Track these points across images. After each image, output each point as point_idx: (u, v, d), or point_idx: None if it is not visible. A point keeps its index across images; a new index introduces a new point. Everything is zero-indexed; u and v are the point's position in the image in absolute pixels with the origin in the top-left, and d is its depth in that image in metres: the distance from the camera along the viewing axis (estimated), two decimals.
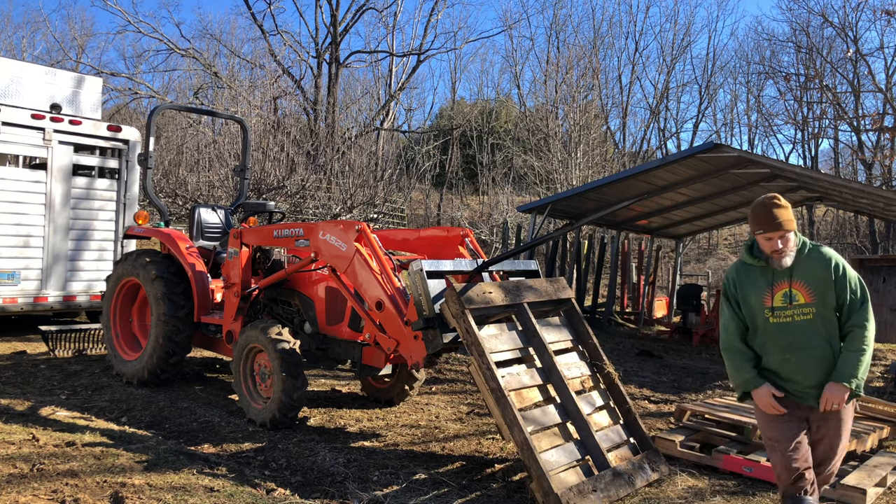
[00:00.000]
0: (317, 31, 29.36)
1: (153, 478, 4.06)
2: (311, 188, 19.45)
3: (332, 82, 28.18)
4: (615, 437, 4.58)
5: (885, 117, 23.87)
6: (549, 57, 32.39)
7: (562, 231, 8.38)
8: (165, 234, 6.89)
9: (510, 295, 4.68)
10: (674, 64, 34.61)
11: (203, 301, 6.50)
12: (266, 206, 7.27)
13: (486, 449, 5.20)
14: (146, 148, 7.38)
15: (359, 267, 5.06)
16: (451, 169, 33.47)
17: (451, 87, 47.88)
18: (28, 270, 8.77)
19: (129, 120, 26.18)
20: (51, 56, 30.95)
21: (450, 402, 6.71)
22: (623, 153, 32.20)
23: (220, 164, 19.05)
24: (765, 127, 35.53)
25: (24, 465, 4.10)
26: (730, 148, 9.97)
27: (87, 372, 7.15)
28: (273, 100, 26.72)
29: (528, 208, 12.91)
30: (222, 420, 5.65)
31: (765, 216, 3.29)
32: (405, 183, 26.32)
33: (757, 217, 3.32)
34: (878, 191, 12.47)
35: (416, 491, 4.27)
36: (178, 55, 28.59)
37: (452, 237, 5.73)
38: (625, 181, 11.17)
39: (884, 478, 4.61)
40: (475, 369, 4.27)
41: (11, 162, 8.90)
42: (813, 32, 29.89)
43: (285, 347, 5.31)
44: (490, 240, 22.74)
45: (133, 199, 9.66)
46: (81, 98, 9.77)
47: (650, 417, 6.46)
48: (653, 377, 8.75)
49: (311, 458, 4.77)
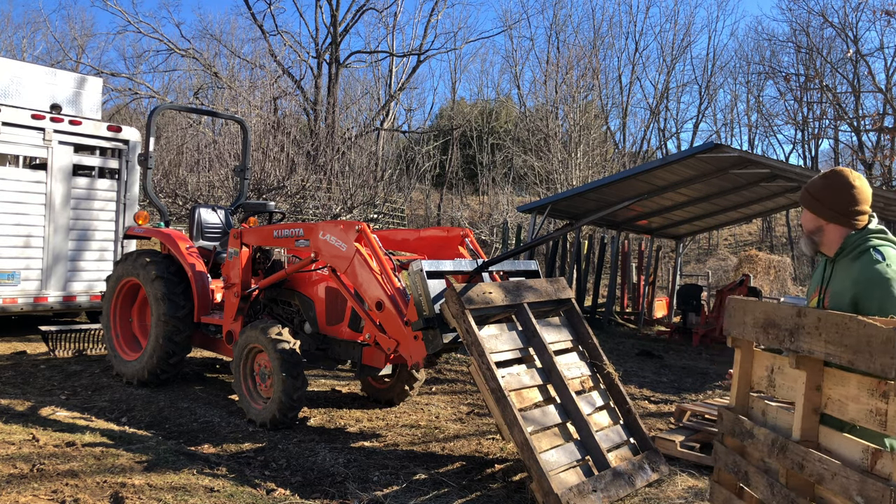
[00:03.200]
0: (317, 32, 29.40)
1: (153, 478, 4.06)
2: (311, 188, 19.46)
3: (332, 82, 28.19)
4: (615, 437, 4.58)
5: (885, 117, 23.87)
6: (549, 57, 32.43)
7: (562, 231, 8.36)
8: (165, 234, 6.89)
9: (510, 295, 4.68)
10: (674, 64, 34.67)
11: (203, 301, 6.51)
12: (266, 207, 7.26)
13: (487, 449, 5.19)
14: (146, 148, 7.38)
15: (359, 267, 5.06)
16: (451, 169, 33.49)
17: (451, 87, 47.92)
18: (28, 271, 8.77)
19: (129, 120, 26.20)
20: (51, 56, 31.00)
21: (450, 402, 6.71)
22: (623, 153, 32.23)
23: (220, 165, 19.04)
24: (765, 127, 35.59)
25: (24, 465, 4.10)
26: (730, 148, 9.98)
27: (87, 372, 7.15)
28: (273, 100, 26.72)
29: (528, 208, 12.92)
30: (222, 420, 5.65)
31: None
32: (405, 183, 26.34)
33: None
34: (878, 191, 12.47)
35: (416, 491, 4.27)
36: (178, 55, 28.62)
37: (452, 237, 5.73)
38: (625, 181, 11.18)
39: None
40: (475, 369, 4.27)
41: (11, 162, 8.90)
42: (813, 32, 29.94)
43: (285, 347, 5.31)
44: (490, 240, 22.74)
45: (133, 200, 9.66)
46: (81, 98, 9.77)
47: (650, 417, 6.46)
48: (653, 377, 8.75)
49: (311, 459, 4.77)
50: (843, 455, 2.17)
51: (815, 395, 2.28)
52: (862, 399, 2.08)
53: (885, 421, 1.97)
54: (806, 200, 2.62)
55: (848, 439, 2.18)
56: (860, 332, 2.01)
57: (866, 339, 1.98)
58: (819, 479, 2.18)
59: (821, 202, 2.55)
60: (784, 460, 2.34)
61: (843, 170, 2.56)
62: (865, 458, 2.07)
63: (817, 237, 2.60)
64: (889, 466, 1.95)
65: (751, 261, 20.29)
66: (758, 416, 2.66)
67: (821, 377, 2.27)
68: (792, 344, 2.31)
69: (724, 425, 2.76)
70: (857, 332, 2.02)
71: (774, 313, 2.43)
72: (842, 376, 2.19)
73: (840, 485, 2.08)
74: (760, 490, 2.47)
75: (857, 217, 2.49)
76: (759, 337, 2.53)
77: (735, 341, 2.72)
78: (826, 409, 2.26)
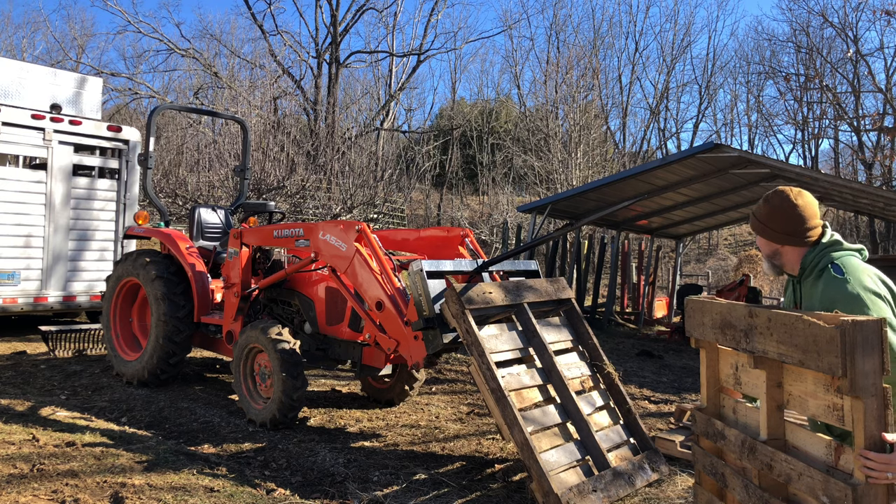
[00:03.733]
0: (317, 32, 29.43)
1: (153, 478, 4.06)
2: (311, 188, 19.46)
3: (332, 82, 28.20)
4: (615, 437, 4.58)
5: (885, 117, 23.89)
6: (549, 57, 32.45)
7: (562, 231, 8.36)
8: (165, 234, 6.89)
9: (510, 295, 4.68)
10: (674, 64, 34.70)
11: (203, 301, 6.50)
12: (266, 207, 7.26)
13: (486, 449, 5.19)
14: (146, 148, 7.38)
15: (359, 267, 5.06)
16: (451, 169, 33.49)
17: (451, 87, 47.94)
18: (28, 271, 8.77)
19: (129, 120, 26.20)
20: (51, 56, 31.01)
21: (450, 402, 6.71)
22: (623, 153, 32.25)
23: (220, 164, 19.05)
24: (765, 127, 35.64)
25: (24, 465, 4.10)
26: (730, 148, 9.98)
27: (87, 372, 7.15)
28: (273, 100, 26.73)
29: (528, 208, 12.91)
30: (222, 420, 5.65)
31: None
32: (405, 183, 26.32)
33: None
34: (878, 191, 12.48)
35: (416, 491, 4.27)
36: (178, 55, 28.65)
37: (452, 237, 5.73)
38: (625, 181, 11.18)
39: None
40: (475, 369, 4.27)
41: (12, 162, 8.90)
42: (813, 32, 29.96)
43: (285, 348, 5.30)
44: (490, 240, 22.74)
45: (133, 200, 9.66)
46: (82, 98, 9.77)
47: (650, 417, 6.46)
48: (653, 377, 8.75)
49: (311, 459, 4.77)
50: (810, 452, 2.17)
51: (777, 393, 2.28)
52: (819, 395, 2.09)
53: (842, 416, 1.98)
54: (755, 227, 2.62)
55: (812, 436, 2.18)
56: (807, 332, 2.03)
57: (813, 339, 2.00)
58: (787, 480, 2.18)
59: (769, 227, 2.55)
60: (754, 461, 2.34)
61: (784, 190, 2.56)
62: (829, 453, 2.07)
63: (776, 261, 2.60)
64: (852, 462, 1.95)
65: (751, 261, 20.31)
66: (729, 416, 2.65)
67: (780, 374, 2.27)
68: (748, 344, 2.31)
69: (698, 427, 2.76)
70: (804, 332, 2.04)
71: (729, 314, 2.44)
72: (799, 372, 2.19)
73: (806, 485, 2.09)
74: (737, 491, 2.46)
75: (807, 234, 2.49)
76: (717, 338, 2.54)
77: (698, 342, 2.72)
78: (788, 406, 2.26)
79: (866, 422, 1.89)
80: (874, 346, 1.89)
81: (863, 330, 1.88)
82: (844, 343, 1.88)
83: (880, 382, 1.89)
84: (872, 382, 1.88)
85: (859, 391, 1.88)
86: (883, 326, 1.90)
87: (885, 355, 1.89)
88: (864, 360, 1.88)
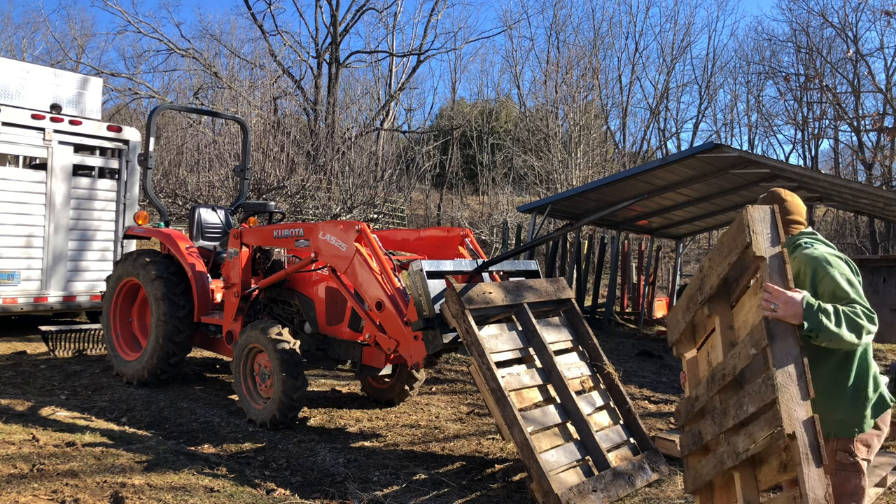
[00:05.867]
0: (317, 32, 29.42)
1: (153, 478, 4.06)
2: (311, 188, 19.46)
3: (332, 82, 28.20)
4: (615, 437, 4.58)
5: (885, 117, 23.88)
6: (549, 57, 32.43)
7: (562, 231, 8.37)
8: (165, 234, 6.89)
9: (510, 295, 4.68)
10: (674, 64, 34.66)
11: (203, 301, 6.50)
12: (266, 207, 7.26)
13: (487, 449, 5.20)
14: (146, 148, 7.38)
15: (359, 267, 5.06)
16: (451, 169, 33.47)
17: (451, 87, 47.95)
18: (28, 271, 8.77)
19: (129, 120, 26.19)
20: (51, 56, 30.98)
21: (450, 402, 6.71)
22: (623, 153, 32.22)
23: (220, 165, 19.05)
24: (765, 127, 35.59)
25: (24, 465, 4.10)
26: (730, 148, 9.98)
27: (87, 372, 7.15)
28: (273, 100, 26.74)
29: (528, 208, 12.91)
30: (222, 420, 5.65)
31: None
32: (405, 183, 26.30)
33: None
34: (878, 191, 12.48)
35: (416, 491, 4.27)
36: (178, 55, 28.64)
37: (452, 237, 5.73)
38: (625, 181, 11.18)
39: (884, 478, 4.61)
40: (475, 369, 4.27)
41: (12, 162, 8.90)
42: (813, 32, 29.94)
43: (285, 348, 5.31)
44: (490, 240, 22.73)
45: (133, 200, 9.66)
46: (82, 98, 9.77)
47: (650, 417, 6.46)
48: (653, 377, 8.75)
49: (311, 459, 4.77)
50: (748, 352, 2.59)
51: (729, 333, 2.75)
52: (753, 309, 2.54)
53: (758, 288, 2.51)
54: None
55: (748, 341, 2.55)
56: (727, 235, 2.68)
57: (731, 236, 2.63)
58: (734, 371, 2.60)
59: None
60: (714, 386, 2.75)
61: (778, 188, 3.03)
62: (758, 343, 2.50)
63: None
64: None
65: None
66: (703, 394, 2.97)
67: (730, 317, 2.77)
68: (701, 296, 2.84)
69: (682, 417, 3.13)
70: (726, 236, 2.69)
71: (689, 287, 2.99)
72: (741, 304, 2.69)
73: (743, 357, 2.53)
74: (709, 432, 2.76)
75: (790, 225, 2.88)
76: (685, 316, 3.01)
77: (678, 348, 3.19)
78: (738, 340, 2.64)
79: (770, 271, 2.45)
80: (772, 222, 2.54)
81: (761, 210, 2.55)
82: (749, 219, 2.51)
83: (780, 246, 2.50)
84: (774, 244, 2.50)
85: (763, 252, 2.47)
86: (775, 210, 2.56)
87: (779, 227, 2.54)
88: (763, 228, 2.52)
